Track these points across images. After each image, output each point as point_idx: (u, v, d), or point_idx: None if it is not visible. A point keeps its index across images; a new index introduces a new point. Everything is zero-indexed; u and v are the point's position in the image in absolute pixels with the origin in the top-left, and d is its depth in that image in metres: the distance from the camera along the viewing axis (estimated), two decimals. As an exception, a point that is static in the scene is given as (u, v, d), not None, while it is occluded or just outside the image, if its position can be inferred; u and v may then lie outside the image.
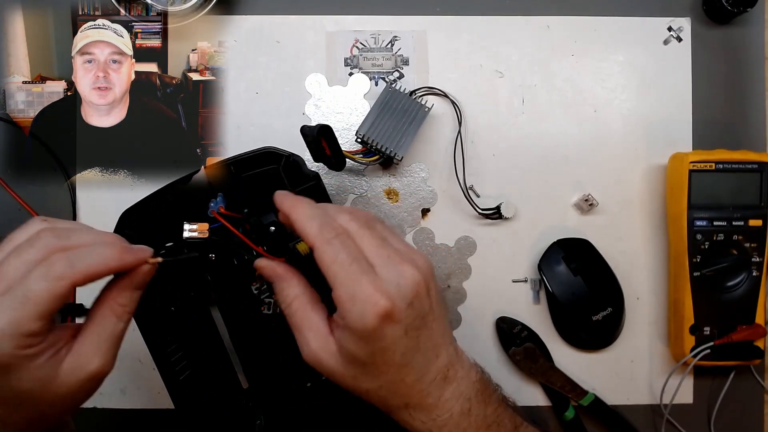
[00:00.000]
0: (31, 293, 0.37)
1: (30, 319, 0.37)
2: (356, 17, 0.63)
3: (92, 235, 0.40)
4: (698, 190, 0.59)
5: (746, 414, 0.63)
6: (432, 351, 0.43)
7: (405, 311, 0.40)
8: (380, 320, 0.39)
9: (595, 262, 0.62)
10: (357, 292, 0.39)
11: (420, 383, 0.43)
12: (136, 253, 0.41)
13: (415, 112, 0.60)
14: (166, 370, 0.51)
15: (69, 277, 0.37)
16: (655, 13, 0.64)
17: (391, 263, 0.41)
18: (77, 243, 0.39)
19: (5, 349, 0.36)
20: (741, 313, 0.60)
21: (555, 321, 0.62)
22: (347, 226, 0.42)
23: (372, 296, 0.39)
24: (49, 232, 0.39)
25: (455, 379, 0.44)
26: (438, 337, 0.43)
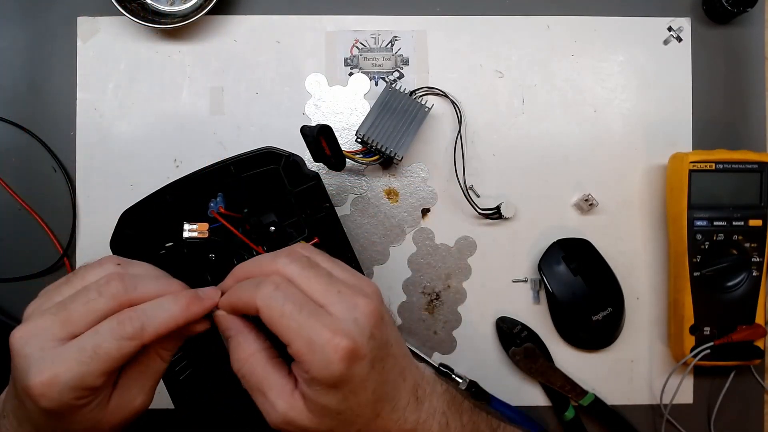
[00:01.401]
0: (101, 350, 0.37)
1: (96, 375, 0.37)
2: (356, 17, 0.63)
3: (158, 284, 0.40)
4: (698, 190, 0.59)
5: (746, 414, 0.63)
6: (399, 376, 0.42)
7: (367, 345, 0.38)
8: (346, 362, 0.37)
9: (595, 262, 0.62)
10: (314, 339, 0.37)
11: (395, 412, 0.41)
12: (203, 303, 0.40)
13: (415, 112, 0.60)
14: (166, 370, 0.51)
15: (139, 338, 0.37)
16: (655, 13, 0.64)
17: (342, 299, 0.38)
18: (144, 293, 0.39)
19: (65, 400, 0.36)
20: (741, 313, 0.60)
21: (555, 321, 0.62)
22: (287, 272, 0.39)
23: (331, 340, 0.36)
24: (118, 279, 0.39)
25: (425, 397, 0.43)
26: (401, 360, 0.42)
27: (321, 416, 0.39)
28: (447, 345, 0.63)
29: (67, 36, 0.62)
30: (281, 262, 0.40)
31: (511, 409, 0.61)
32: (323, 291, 0.39)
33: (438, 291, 0.63)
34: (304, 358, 0.37)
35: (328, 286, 0.39)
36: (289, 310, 0.37)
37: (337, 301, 0.38)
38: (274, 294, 0.38)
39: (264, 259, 0.41)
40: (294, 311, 0.37)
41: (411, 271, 0.63)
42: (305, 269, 0.39)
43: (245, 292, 0.39)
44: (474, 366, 0.63)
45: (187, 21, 0.59)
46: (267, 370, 0.40)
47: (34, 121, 0.62)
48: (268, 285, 0.38)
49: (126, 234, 0.50)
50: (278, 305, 0.37)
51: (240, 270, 0.41)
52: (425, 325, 0.63)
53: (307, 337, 0.37)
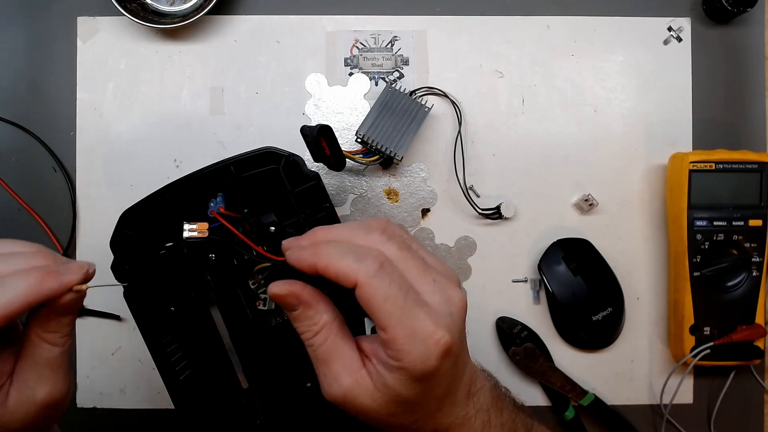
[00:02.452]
0: None
1: None
2: (356, 17, 0.63)
3: (14, 259, 0.36)
4: (698, 190, 0.59)
5: (746, 414, 0.63)
6: (462, 370, 0.40)
7: (458, 341, 0.36)
8: (442, 358, 0.35)
9: (595, 262, 0.62)
10: (417, 330, 0.34)
11: (453, 407, 0.39)
12: (60, 278, 0.36)
13: (415, 112, 0.60)
14: (166, 370, 0.51)
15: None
16: (655, 13, 0.64)
17: (438, 289, 0.36)
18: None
19: None
20: (741, 313, 0.60)
21: (555, 321, 0.62)
22: (385, 250, 0.36)
23: (434, 333, 0.34)
24: None
25: (476, 393, 0.41)
26: (465, 355, 0.40)
27: (388, 401, 0.36)
28: (447, 345, 0.63)
29: (67, 36, 0.62)
30: (377, 239, 0.36)
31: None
32: (420, 277, 0.36)
33: (438, 291, 0.63)
34: (402, 347, 0.34)
35: (424, 272, 0.36)
36: (394, 294, 0.34)
37: (433, 290, 0.36)
38: (379, 274, 0.34)
39: (354, 230, 0.37)
40: (399, 296, 0.34)
41: (411, 271, 0.63)
42: (402, 250, 0.36)
43: (342, 261, 0.35)
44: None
45: (187, 21, 0.59)
46: (337, 342, 0.37)
47: (34, 121, 0.62)
48: (373, 262, 0.34)
49: (126, 234, 0.50)
50: (384, 287, 0.34)
51: (323, 233, 0.37)
52: (425, 325, 0.63)
53: (410, 326, 0.34)
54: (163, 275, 0.49)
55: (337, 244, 0.36)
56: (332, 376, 0.37)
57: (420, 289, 0.36)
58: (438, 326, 0.35)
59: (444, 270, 0.38)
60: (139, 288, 0.49)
